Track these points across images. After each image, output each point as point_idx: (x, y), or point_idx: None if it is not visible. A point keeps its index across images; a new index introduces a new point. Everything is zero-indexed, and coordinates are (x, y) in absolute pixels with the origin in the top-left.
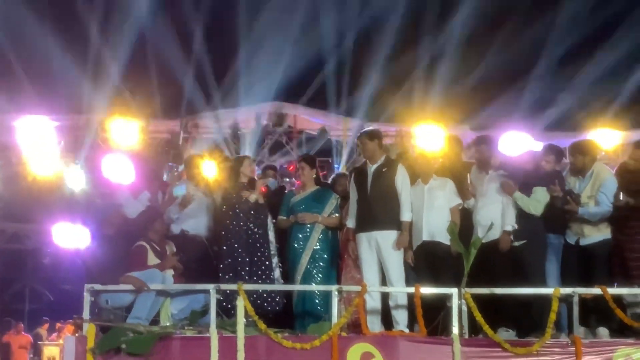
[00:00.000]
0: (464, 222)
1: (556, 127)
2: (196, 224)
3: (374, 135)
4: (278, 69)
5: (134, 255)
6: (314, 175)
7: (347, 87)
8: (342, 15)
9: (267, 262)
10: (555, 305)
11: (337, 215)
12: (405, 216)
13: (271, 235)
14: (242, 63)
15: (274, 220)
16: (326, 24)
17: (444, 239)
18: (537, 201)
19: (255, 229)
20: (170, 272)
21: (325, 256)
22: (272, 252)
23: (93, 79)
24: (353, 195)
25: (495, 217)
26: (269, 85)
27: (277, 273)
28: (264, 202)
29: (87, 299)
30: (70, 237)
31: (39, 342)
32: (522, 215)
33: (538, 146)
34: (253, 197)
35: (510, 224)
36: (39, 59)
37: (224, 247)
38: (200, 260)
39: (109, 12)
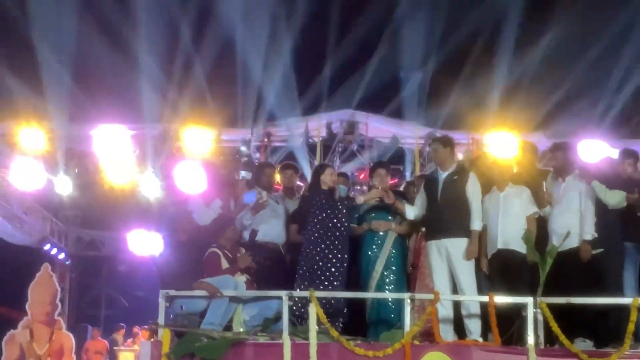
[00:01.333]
0: (540, 231)
1: (634, 136)
2: (269, 230)
3: (447, 142)
4: (352, 77)
5: (207, 261)
6: (388, 182)
7: (419, 94)
8: (417, 23)
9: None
10: (634, 316)
11: (408, 222)
12: (475, 225)
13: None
14: (315, 72)
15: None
16: (403, 33)
17: (520, 247)
18: (615, 193)
19: (336, 242)
20: (242, 279)
21: (398, 263)
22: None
23: (169, 87)
24: (421, 202)
25: (572, 225)
26: (341, 93)
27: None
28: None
29: (162, 304)
30: (145, 244)
31: (115, 348)
32: (599, 223)
33: (614, 153)
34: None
35: (590, 233)
36: (116, 67)
37: (303, 253)
38: (274, 267)
39: (186, 19)
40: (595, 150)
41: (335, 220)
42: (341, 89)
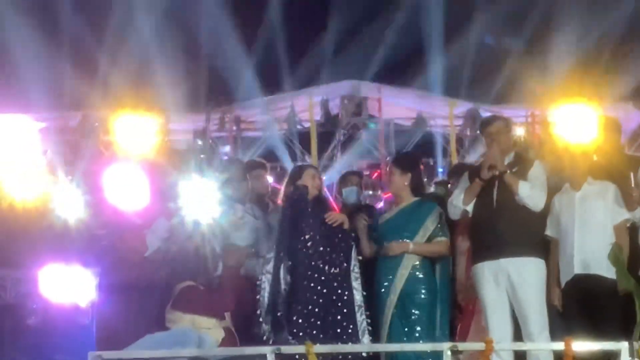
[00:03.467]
0: (632, 245)
1: None
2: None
3: (507, 124)
4: (353, 41)
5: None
6: (407, 183)
7: (451, 57)
8: None
9: (347, 318)
10: None
11: (443, 239)
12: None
13: (355, 279)
14: (303, 31)
15: (359, 257)
16: None
17: (606, 271)
18: None
19: (331, 269)
20: (214, 333)
21: (425, 299)
22: (358, 303)
23: (91, 62)
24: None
25: None
26: (340, 60)
27: (364, 334)
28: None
29: None
30: (64, 285)
31: None
32: None
33: None
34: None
35: None
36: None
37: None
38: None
39: None
40: None
41: (335, 241)
42: (342, 54)
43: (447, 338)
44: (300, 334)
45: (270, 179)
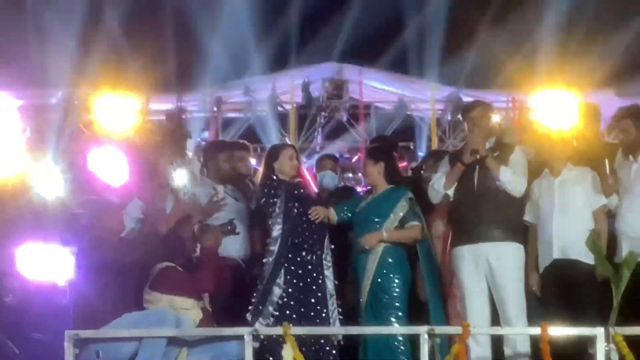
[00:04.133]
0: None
1: None
2: (226, 240)
3: (489, 109)
4: (335, 22)
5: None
6: (381, 172)
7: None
8: None
9: (320, 305)
10: None
11: (415, 223)
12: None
13: (327, 267)
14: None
15: (332, 246)
16: None
17: (584, 256)
18: None
19: (308, 256)
20: (194, 313)
21: (396, 284)
22: (330, 292)
23: (72, 38)
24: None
25: None
26: (323, 43)
27: (335, 323)
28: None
29: (69, 350)
30: (42, 264)
31: None
32: None
33: None
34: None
35: None
36: None
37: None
38: (234, 293)
39: None
40: None
41: (312, 226)
42: (322, 35)
43: (444, 318)
44: (278, 315)
45: (253, 160)
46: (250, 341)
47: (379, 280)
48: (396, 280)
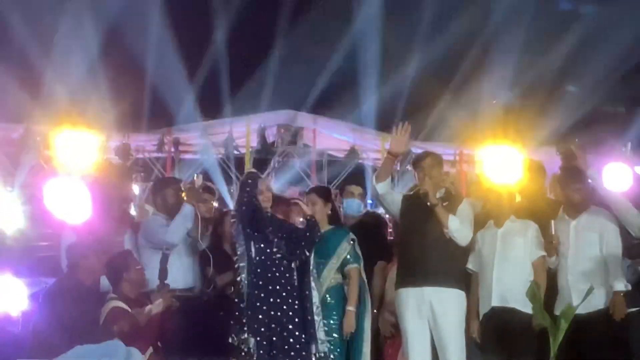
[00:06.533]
0: (547, 284)
1: None
2: (181, 271)
3: (439, 161)
4: (292, 72)
5: (110, 321)
6: (328, 212)
7: (385, 94)
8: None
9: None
10: None
11: (354, 266)
12: (452, 223)
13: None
14: (244, 60)
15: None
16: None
17: (522, 305)
18: None
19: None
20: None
21: (332, 324)
22: (315, 302)
23: (34, 77)
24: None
25: (592, 277)
26: (279, 90)
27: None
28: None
29: None
30: None
31: None
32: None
33: None
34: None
35: (622, 282)
36: None
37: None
38: (189, 327)
39: None
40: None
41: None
42: (281, 85)
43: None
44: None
45: (215, 204)
46: None
47: (324, 317)
48: (333, 323)
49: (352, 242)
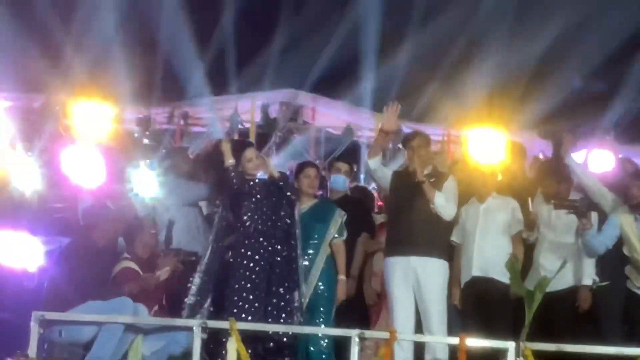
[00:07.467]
0: (525, 257)
1: None
2: (186, 233)
3: (427, 140)
4: (296, 51)
5: (120, 280)
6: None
7: (381, 77)
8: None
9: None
10: None
11: (341, 239)
12: (438, 199)
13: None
14: (251, 40)
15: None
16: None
17: (501, 275)
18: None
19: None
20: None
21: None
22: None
23: (55, 50)
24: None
25: (567, 257)
26: (282, 70)
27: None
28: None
29: (34, 330)
30: (14, 251)
31: None
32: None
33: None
34: None
35: (590, 276)
36: None
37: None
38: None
39: None
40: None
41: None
42: (284, 65)
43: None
44: (239, 312)
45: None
46: (199, 332)
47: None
48: (322, 287)
49: (342, 216)
